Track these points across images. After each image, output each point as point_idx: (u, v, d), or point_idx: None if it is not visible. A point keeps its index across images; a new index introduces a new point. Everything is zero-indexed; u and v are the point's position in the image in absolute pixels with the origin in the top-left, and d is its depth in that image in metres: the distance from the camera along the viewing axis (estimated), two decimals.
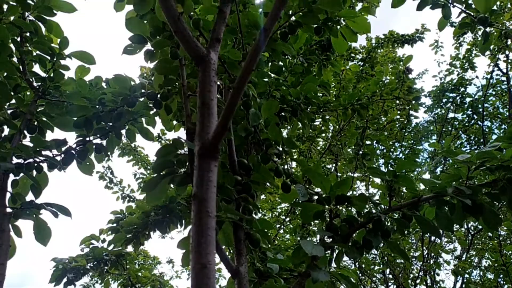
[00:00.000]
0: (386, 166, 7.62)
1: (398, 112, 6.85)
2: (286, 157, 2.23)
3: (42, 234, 2.32)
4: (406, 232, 2.07)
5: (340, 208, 2.05)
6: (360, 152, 4.46)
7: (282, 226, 6.43)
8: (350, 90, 5.39)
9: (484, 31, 2.57)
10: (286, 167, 2.30)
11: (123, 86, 2.76)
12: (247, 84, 2.41)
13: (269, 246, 2.15)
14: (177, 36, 1.54)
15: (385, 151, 7.13)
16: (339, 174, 6.18)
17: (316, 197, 2.11)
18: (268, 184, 2.50)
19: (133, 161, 8.43)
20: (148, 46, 2.69)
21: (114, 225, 5.22)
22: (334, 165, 6.74)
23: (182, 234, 9.24)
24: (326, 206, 2.03)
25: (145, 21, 2.67)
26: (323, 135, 6.05)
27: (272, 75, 3.40)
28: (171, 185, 2.20)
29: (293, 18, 2.51)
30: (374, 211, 2.06)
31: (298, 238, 5.66)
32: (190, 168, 2.12)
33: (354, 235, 2.03)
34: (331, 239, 1.96)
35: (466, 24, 2.61)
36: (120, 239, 3.49)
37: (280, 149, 2.17)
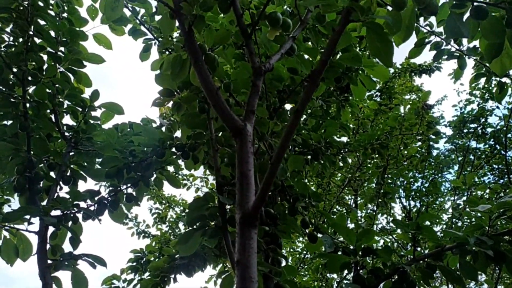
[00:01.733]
0: (407, 199, 7.73)
1: (418, 143, 7.00)
2: (313, 210, 2.41)
3: (80, 284, 2.52)
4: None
5: (366, 259, 2.22)
6: (381, 191, 4.62)
7: (302, 265, 6.56)
8: (369, 127, 5.58)
9: (500, 81, 2.76)
10: (311, 218, 2.49)
11: (153, 138, 2.99)
12: (272, 133, 2.61)
13: None
14: (215, 109, 1.77)
15: (405, 183, 7.26)
16: (359, 212, 6.32)
17: (341, 248, 2.28)
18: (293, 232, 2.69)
19: (148, 195, 8.68)
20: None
21: (134, 264, 5.44)
22: (353, 201, 6.88)
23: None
24: (352, 258, 2.20)
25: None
26: (343, 170, 6.22)
27: None
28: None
29: None
30: (398, 261, 2.23)
31: None
32: (222, 221, 2.32)
33: (380, 286, 2.19)
34: None
35: (482, 74, 2.80)
36: (147, 284, 3.67)
37: (307, 201, 2.36)
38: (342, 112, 4.20)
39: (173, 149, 3.00)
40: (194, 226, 2.31)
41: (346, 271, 2.26)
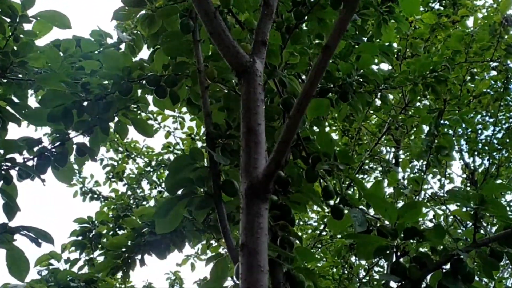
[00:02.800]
0: (471, 154, 7.96)
1: (492, 73, 7.15)
2: (339, 175, 2.60)
3: (18, 266, 2.74)
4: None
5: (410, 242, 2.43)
6: (435, 144, 4.80)
7: (317, 245, 6.88)
8: (421, 50, 5.70)
9: None
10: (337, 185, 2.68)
11: (114, 65, 3.12)
12: (285, 65, 2.77)
13: None
14: (212, 38, 1.90)
15: (469, 132, 7.46)
16: (401, 172, 6.56)
17: (377, 227, 2.49)
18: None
19: None
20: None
21: (80, 238, 5.71)
22: (393, 156, 7.09)
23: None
24: (391, 241, 2.41)
25: None
26: (380, 111, 6.40)
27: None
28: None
29: None
30: (452, 247, 2.44)
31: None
32: (214, 187, 2.51)
33: (427, 278, 2.42)
34: (397, 285, 2.35)
35: None
36: (106, 267, 3.92)
37: (332, 163, 2.54)
38: (383, 29, 4.30)
39: (144, 83, 3.15)
40: (177, 194, 2.50)
41: (381, 257, 2.49)
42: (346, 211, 2.67)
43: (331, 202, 2.66)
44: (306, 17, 2.98)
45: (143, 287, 10.67)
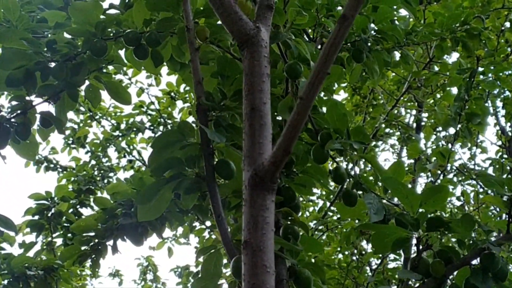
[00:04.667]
0: (508, 119, 8.10)
1: None
2: (352, 155, 2.74)
3: None
4: None
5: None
6: (465, 110, 4.91)
7: (322, 228, 7.01)
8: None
9: None
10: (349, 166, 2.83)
11: (85, 20, 3.21)
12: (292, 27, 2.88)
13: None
14: (210, 1, 2.02)
15: (506, 93, 7.57)
16: (423, 144, 6.66)
17: (395, 216, 2.64)
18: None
19: None
20: None
21: (37, 217, 5.81)
22: (414, 121, 7.17)
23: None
24: (412, 232, 2.57)
25: None
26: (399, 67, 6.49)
27: None
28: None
29: None
30: (482, 239, 2.59)
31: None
32: (206, 169, 2.63)
33: (453, 275, 2.58)
34: (419, 283, 2.52)
35: None
36: (72, 254, 4.04)
37: (345, 141, 2.67)
38: None
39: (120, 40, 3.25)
40: (163, 176, 2.63)
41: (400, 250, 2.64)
42: (359, 196, 2.81)
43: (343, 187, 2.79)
44: None
45: (109, 274, 10.89)
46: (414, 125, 8.25)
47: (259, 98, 1.97)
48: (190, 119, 8.13)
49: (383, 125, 7.53)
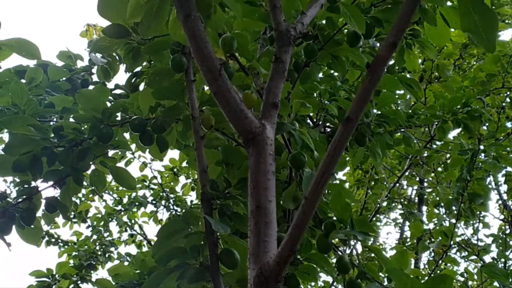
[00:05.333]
0: (511, 197, 8.13)
1: None
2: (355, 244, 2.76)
3: None
4: None
5: None
6: (467, 190, 4.94)
7: None
8: (450, 73, 5.88)
9: None
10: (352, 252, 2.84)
11: (91, 107, 3.27)
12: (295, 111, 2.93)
13: None
14: (216, 99, 2.07)
15: (507, 170, 7.61)
16: (425, 223, 6.71)
17: None
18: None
19: None
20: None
21: None
22: (417, 197, 7.23)
23: None
24: None
25: None
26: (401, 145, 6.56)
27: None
28: None
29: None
30: None
31: None
32: (211, 258, 2.65)
33: None
34: None
35: None
36: None
37: (349, 231, 2.70)
38: (406, 55, 4.48)
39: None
40: (167, 266, 2.65)
41: None
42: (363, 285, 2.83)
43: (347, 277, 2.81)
44: (318, 54, 3.13)
45: None
46: (416, 199, 8.29)
47: (264, 196, 2.00)
48: (193, 193, 8.22)
49: (385, 203, 7.56)
